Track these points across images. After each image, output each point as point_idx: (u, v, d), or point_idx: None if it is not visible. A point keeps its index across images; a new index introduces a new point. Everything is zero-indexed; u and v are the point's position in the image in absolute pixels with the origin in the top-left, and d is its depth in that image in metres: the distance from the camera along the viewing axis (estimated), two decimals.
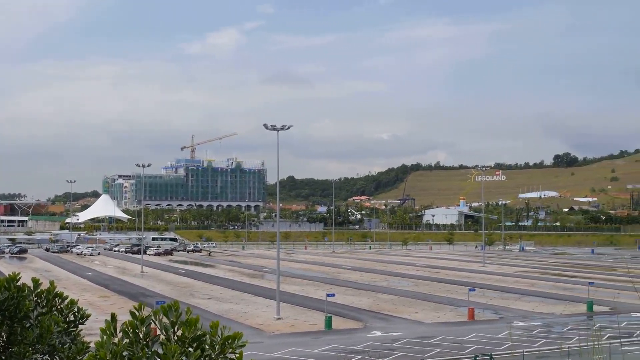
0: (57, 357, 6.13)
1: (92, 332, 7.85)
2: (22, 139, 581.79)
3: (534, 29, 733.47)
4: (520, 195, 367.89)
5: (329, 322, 53.14)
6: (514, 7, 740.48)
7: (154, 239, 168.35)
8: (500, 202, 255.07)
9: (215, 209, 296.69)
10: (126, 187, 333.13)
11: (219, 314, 58.81)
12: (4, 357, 6.03)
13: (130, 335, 5.06)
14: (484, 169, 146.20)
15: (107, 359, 4.95)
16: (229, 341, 5.03)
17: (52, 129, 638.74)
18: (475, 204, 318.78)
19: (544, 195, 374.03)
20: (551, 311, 62.89)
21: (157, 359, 4.92)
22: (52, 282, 6.52)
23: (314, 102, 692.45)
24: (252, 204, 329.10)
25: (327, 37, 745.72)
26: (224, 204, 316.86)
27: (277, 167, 66.48)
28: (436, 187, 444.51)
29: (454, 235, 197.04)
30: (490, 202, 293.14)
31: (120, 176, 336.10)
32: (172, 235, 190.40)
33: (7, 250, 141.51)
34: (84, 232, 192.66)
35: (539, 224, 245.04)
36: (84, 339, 6.35)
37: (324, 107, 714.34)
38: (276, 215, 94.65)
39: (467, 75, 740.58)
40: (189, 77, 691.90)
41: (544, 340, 47.65)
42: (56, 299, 6.45)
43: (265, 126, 66.00)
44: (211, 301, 68.29)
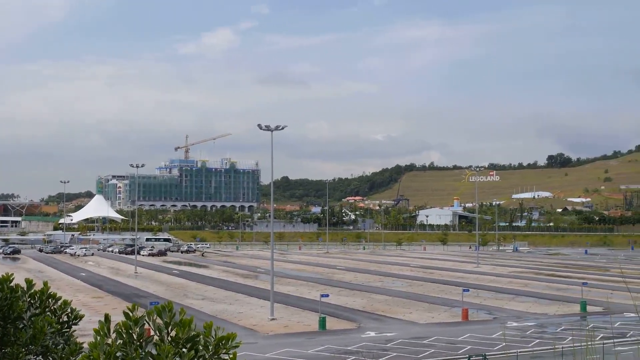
0: (51, 358, 6.12)
1: (85, 333, 7.83)
2: (16, 138, 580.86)
3: (527, 29, 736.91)
4: (514, 195, 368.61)
5: (323, 323, 53.13)
6: (507, 8, 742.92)
7: (147, 240, 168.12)
8: (494, 203, 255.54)
9: (209, 209, 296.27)
10: (120, 187, 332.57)
11: (212, 314, 58.78)
12: None
13: (123, 336, 5.06)
14: (478, 169, 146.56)
15: (101, 359, 4.95)
16: (223, 342, 5.04)
17: (46, 129, 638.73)
18: (469, 205, 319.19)
19: (538, 195, 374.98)
20: (545, 311, 63.02)
21: None
22: (45, 283, 6.51)
23: (308, 103, 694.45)
24: (246, 205, 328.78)
25: (322, 38, 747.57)
26: (218, 205, 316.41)
27: (272, 168, 66.46)
28: (430, 187, 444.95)
29: (447, 235, 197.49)
30: (484, 203, 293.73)
31: (114, 176, 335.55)
32: (166, 235, 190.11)
33: (1, 250, 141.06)
34: (78, 233, 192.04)
35: (533, 224, 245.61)
36: (77, 340, 6.34)
37: (318, 108, 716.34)
38: (270, 215, 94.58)
39: (461, 76, 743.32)
40: (184, 77, 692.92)
41: (537, 340, 47.76)
42: (49, 300, 6.44)
43: (259, 126, 65.97)
44: (205, 302, 68.21)
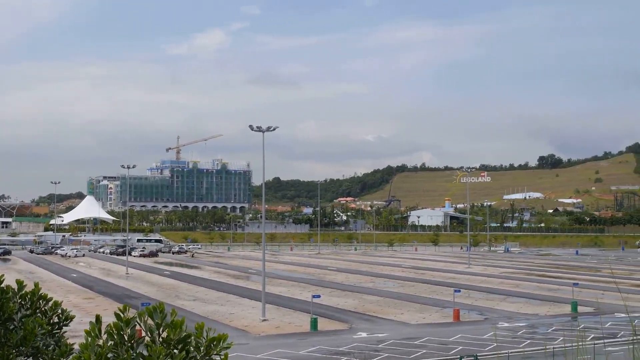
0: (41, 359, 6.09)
1: (76, 334, 7.81)
2: (6, 139, 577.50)
3: (518, 31, 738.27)
4: (505, 196, 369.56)
5: (314, 324, 53.14)
6: (497, 9, 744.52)
7: (139, 241, 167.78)
8: (485, 204, 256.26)
9: (200, 210, 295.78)
10: (111, 188, 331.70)
11: (204, 315, 58.68)
12: None
13: (115, 337, 5.05)
14: (469, 170, 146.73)
15: None
16: (214, 343, 5.03)
17: (36, 129, 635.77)
18: (460, 205, 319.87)
19: (529, 196, 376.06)
20: (536, 312, 63.18)
21: None
22: (36, 284, 6.48)
23: (300, 104, 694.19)
24: (238, 205, 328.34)
25: (313, 39, 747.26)
26: (210, 205, 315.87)
27: (263, 169, 66.43)
28: (421, 188, 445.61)
29: (439, 236, 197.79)
30: (475, 204, 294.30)
31: (105, 177, 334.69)
32: (157, 236, 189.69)
33: None
34: (69, 234, 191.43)
35: (524, 225, 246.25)
36: (68, 341, 6.32)
37: (309, 109, 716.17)
38: (262, 216, 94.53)
39: (451, 76, 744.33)
40: (174, 78, 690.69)
41: (528, 341, 47.89)
42: (40, 301, 6.41)
43: (250, 127, 65.94)
44: (196, 303, 68.10)
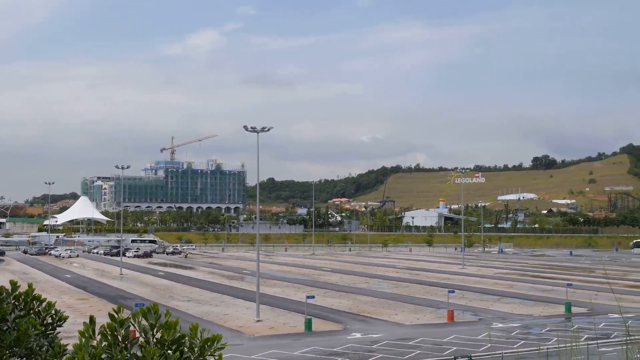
0: None
1: (70, 335, 7.79)
2: (0, 139, 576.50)
3: (513, 32, 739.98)
4: (499, 197, 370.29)
5: (309, 324, 53.12)
6: (492, 10, 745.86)
7: (133, 241, 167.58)
8: (479, 204, 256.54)
9: (195, 210, 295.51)
10: (105, 188, 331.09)
11: (198, 316, 58.62)
12: None
13: (109, 337, 5.04)
14: (464, 171, 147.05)
15: None
16: (209, 343, 5.02)
17: (30, 130, 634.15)
18: (454, 206, 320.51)
19: (523, 197, 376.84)
20: (530, 312, 63.26)
21: None
22: (30, 285, 6.46)
23: (295, 104, 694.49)
24: (232, 206, 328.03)
25: (308, 39, 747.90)
26: (204, 206, 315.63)
27: (257, 169, 66.39)
28: (416, 189, 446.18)
29: (433, 237, 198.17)
30: (469, 204, 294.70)
31: (99, 178, 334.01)
32: (151, 237, 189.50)
33: None
34: (63, 234, 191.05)
35: (518, 226, 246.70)
36: (61, 342, 6.30)
37: (304, 109, 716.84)
38: (256, 217, 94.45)
39: (446, 77, 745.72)
40: (169, 78, 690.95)
41: (522, 341, 47.93)
42: (34, 302, 6.39)
43: (245, 128, 65.87)
44: (191, 303, 68.00)
